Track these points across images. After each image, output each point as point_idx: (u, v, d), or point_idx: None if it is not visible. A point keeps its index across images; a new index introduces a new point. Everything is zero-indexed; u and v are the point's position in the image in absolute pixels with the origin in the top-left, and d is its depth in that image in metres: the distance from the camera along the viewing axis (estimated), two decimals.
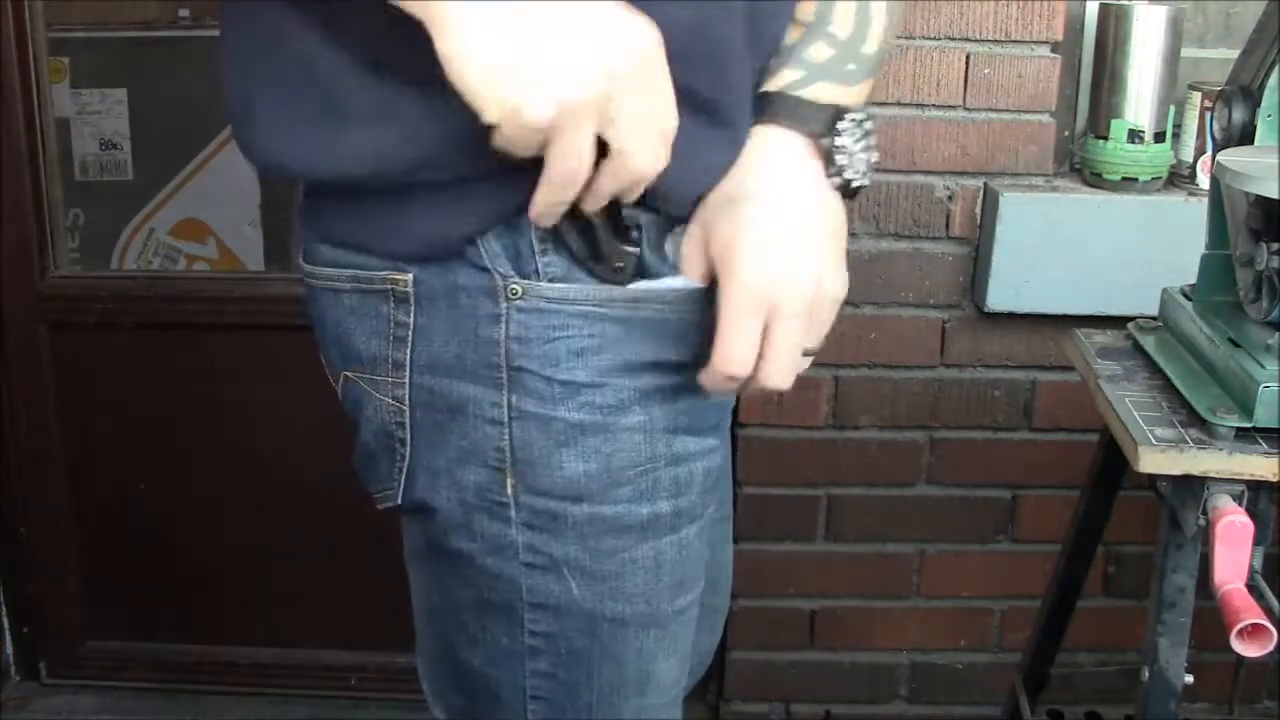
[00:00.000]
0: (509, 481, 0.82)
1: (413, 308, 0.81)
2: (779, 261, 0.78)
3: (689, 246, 0.81)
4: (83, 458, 1.99)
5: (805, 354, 0.82)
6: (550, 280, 0.79)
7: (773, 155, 0.81)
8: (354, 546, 1.89)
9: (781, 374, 0.80)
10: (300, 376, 0.93)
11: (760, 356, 0.79)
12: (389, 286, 0.81)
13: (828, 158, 0.81)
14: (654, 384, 0.83)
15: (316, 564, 2.01)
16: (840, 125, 0.81)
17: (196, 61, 1.95)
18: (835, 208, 0.82)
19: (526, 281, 0.79)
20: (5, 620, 2.08)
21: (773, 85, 0.82)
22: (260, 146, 0.80)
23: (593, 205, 0.75)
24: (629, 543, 0.84)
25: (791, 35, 0.83)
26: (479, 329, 0.80)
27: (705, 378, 0.81)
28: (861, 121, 0.83)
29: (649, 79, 0.71)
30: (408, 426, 0.83)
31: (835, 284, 0.81)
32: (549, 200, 0.73)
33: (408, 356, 0.82)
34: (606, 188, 0.74)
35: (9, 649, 2.10)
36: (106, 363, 1.95)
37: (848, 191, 0.83)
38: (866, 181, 0.84)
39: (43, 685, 2.10)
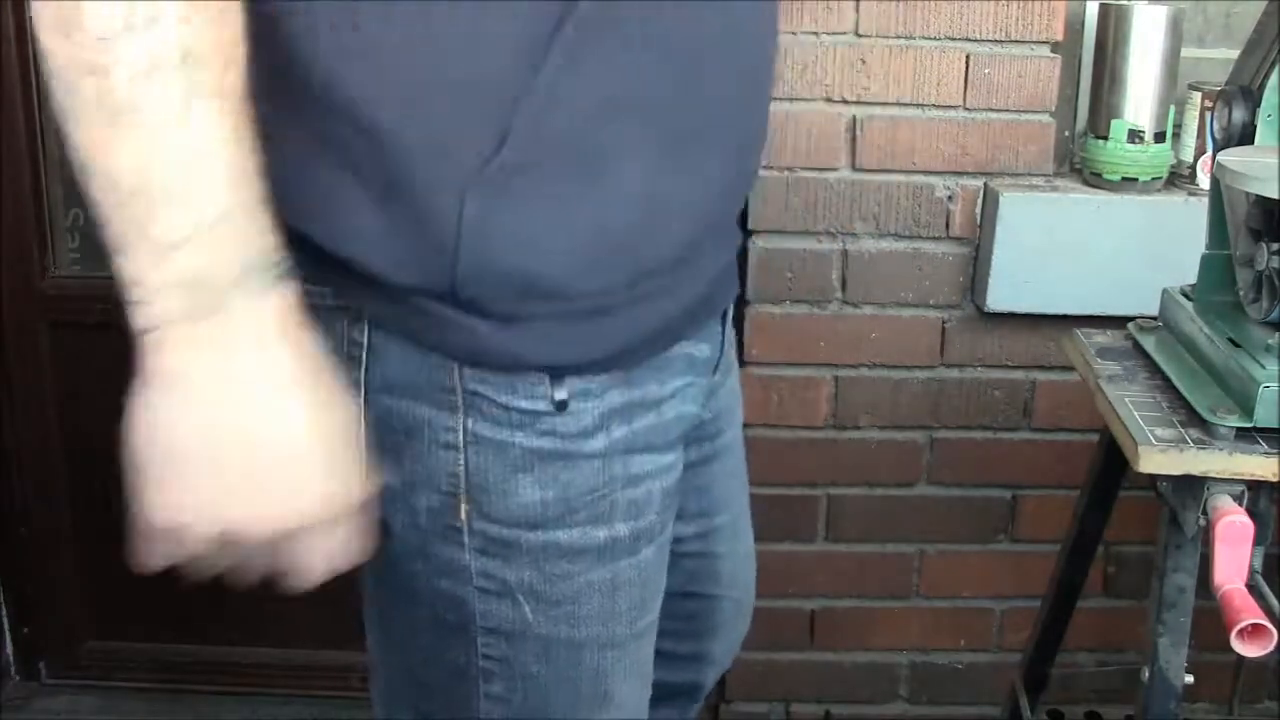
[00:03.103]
0: (463, 507, 0.80)
1: (366, 327, 0.79)
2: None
3: None
4: (83, 458, 1.99)
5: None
6: None
7: None
8: None
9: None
10: None
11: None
12: (344, 303, 0.79)
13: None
14: (619, 402, 0.81)
15: None
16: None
17: None
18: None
19: None
20: (5, 620, 2.08)
21: None
22: None
23: None
24: (584, 567, 0.82)
25: None
26: (432, 351, 0.78)
27: None
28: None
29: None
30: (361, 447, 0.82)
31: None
32: None
33: (362, 376, 0.80)
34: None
35: (9, 649, 2.09)
36: (106, 363, 1.93)
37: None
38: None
39: (43, 685, 2.10)
